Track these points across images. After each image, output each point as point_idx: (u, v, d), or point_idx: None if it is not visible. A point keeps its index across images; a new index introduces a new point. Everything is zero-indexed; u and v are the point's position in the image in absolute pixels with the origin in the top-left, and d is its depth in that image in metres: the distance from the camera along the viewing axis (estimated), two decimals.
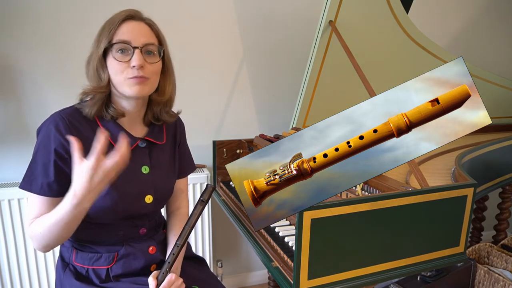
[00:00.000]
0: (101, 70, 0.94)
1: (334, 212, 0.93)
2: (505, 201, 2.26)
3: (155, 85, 1.00)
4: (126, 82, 0.93)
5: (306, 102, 1.73)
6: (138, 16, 0.97)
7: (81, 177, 0.81)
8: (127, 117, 1.02)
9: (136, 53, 0.92)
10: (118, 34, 0.93)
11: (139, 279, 1.02)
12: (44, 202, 0.93)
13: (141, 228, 1.06)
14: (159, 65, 0.99)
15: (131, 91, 0.94)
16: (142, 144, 1.04)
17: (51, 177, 0.92)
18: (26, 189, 0.93)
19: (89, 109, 0.96)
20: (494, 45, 2.55)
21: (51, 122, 0.93)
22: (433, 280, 1.61)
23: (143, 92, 0.95)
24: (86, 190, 0.82)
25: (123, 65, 0.92)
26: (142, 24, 0.96)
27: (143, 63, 0.93)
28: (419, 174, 1.14)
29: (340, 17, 1.55)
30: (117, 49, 0.92)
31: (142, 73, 0.93)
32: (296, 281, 0.93)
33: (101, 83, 0.95)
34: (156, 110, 1.05)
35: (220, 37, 1.97)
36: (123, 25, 0.94)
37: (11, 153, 1.74)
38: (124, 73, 0.93)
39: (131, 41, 0.92)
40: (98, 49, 0.93)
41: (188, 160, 1.23)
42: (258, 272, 2.33)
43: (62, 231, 0.88)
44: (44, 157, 0.92)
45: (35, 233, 0.91)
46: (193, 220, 0.97)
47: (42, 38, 1.70)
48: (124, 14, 0.95)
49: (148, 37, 0.96)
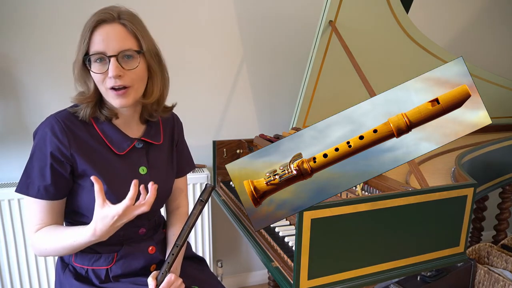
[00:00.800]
0: (86, 79, 0.94)
1: (334, 212, 0.93)
2: (505, 201, 2.26)
3: (140, 91, 0.96)
4: (108, 93, 0.92)
5: (306, 102, 1.73)
6: (110, 18, 0.90)
7: (105, 221, 0.85)
8: (121, 118, 1.01)
9: (112, 62, 0.88)
10: (93, 45, 0.89)
11: (138, 280, 1.02)
12: (42, 206, 0.93)
13: (140, 228, 1.06)
14: (140, 68, 0.93)
15: (115, 103, 0.93)
16: (139, 144, 1.03)
17: (47, 181, 0.92)
18: (23, 192, 0.93)
19: (83, 112, 0.96)
20: (494, 45, 2.55)
21: (47, 126, 0.93)
22: (433, 280, 1.61)
23: (127, 103, 0.93)
24: (107, 232, 0.86)
25: (102, 76, 0.90)
26: (116, 27, 0.90)
27: (120, 72, 0.89)
28: (419, 174, 1.14)
29: (340, 17, 1.55)
30: (94, 60, 0.90)
31: (121, 82, 0.90)
32: (296, 281, 0.93)
33: (88, 92, 0.94)
34: (150, 108, 1.04)
35: (220, 37, 1.97)
36: (96, 32, 0.89)
37: (11, 153, 1.74)
38: (105, 83, 0.91)
39: (105, 50, 0.88)
40: (77, 59, 0.92)
41: (187, 159, 1.22)
42: (258, 272, 2.33)
43: (69, 252, 0.94)
44: (41, 161, 0.92)
45: (38, 247, 0.94)
46: (193, 220, 0.97)
47: (41, 39, 1.70)
48: (94, 20, 0.89)
49: (124, 42, 0.90)
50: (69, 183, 0.95)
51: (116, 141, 0.99)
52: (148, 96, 0.99)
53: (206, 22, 1.93)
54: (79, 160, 0.93)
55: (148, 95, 0.99)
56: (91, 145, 0.96)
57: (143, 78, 0.96)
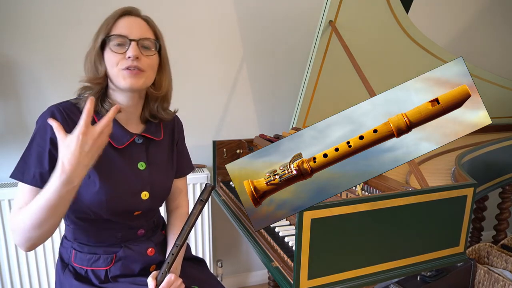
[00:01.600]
0: (98, 63, 0.96)
1: (334, 212, 0.93)
2: (505, 201, 2.26)
3: (151, 79, 1.00)
4: (120, 73, 0.94)
5: (306, 102, 1.73)
6: (135, 12, 0.99)
7: (70, 147, 0.78)
8: (123, 113, 1.01)
9: (132, 45, 0.94)
10: (116, 28, 0.95)
11: (138, 279, 1.02)
12: (34, 193, 0.89)
13: (139, 229, 1.06)
14: (155, 58, 1.00)
15: (125, 83, 0.94)
16: (138, 140, 1.03)
17: (45, 167, 0.91)
18: (17, 178, 0.92)
19: (85, 103, 0.96)
20: (494, 45, 2.55)
21: (48, 113, 0.94)
22: (433, 280, 1.61)
23: (137, 84, 0.96)
24: (75, 162, 0.78)
25: (119, 56, 0.94)
26: (139, 20, 0.98)
27: (138, 54, 0.94)
28: (419, 174, 1.14)
29: (340, 17, 1.55)
30: (114, 43, 0.94)
31: (137, 63, 0.94)
32: (296, 281, 0.93)
33: (98, 75, 0.96)
34: (153, 106, 1.05)
35: (220, 37, 1.97)
36: (121, 20, 0.96)
37: (10, 153, 1.74)
38: (119, 64, 0.94)
39: (128, 34, 0.94)
40: (96, 42, 0.95)
41: (187, 160, 1.23)
42: (258, 272, 2.33)
43: (48, 218, 0.82)
44: (40, 147, 0.92)
45: (18, 225, 0.86)
46: (192, 219, 0.97)
47: (42, 38, 1.70)
48: (122, 10, 0.97)
49: (145, 32, 0.98)
50: None
51: (115, 135, 0.99)
52: (158, 88, 1.03)
53: (206, 22, 1.93)
54: None
55: (157, 87, 1.03)
56: None
57: (154, 68, 1.01)
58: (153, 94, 1.03)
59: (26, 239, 0.86)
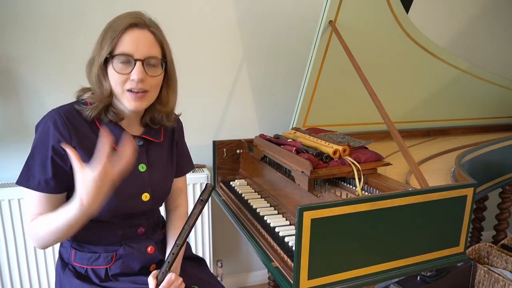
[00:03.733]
0: (103, 78, 0.94)
1: (334, 212, 0.93)
2: (505, 201, 2.26)
3: (154, 97, 1.00)
4: (125, 94, 0.94)
5: (306, 102, 1.72)
6: (142, 23, 0.94)
7: (87, 186, 0.80)
8: (125, 120, 1.02)
9: (137, 65, 0.91)
10: (121, 45, 0.91)
11: (138, 279, 1.02)
12: (41, 199, 0.93)
13: (139, 227, 1.06)
14: (161, 77, 0.98)
15: (130, 105, 0.94)
16: (139, 142, 1.04)
17: (48, 174, 0.92)
18: (23, 185, 0.92)
19: (89, 113, 0.96)
20: (494, 45, 2.55)
21: (49, 119, 0.93)
22: (433, 280, 1.61)
23: (142, 107, 0.96)
24: (93, 199, 0.81)
25: (123, 77, 0.92)
26: (145, 33, 0.93)
27: (144, 77, 0.92)
28: (419, 174, 1.14)
29: (340, 17, 1.55)
30: (119, 61, 0.91)
31: (142, 85, 0.92)
32: (296, 281, 0.93)
33: (105, 92, 0.94)
34: (157, 116, 1.06)
35: (220, 37, 1.97)
36: (126, 34, 0.91)
37: (11, 153, 1.74)
38: (123, 85, 0.93)
39: (133, 53, 0.91)
40: (100, 56, 0.92)
41: (187, 159, 1.23)
42: (258, 272, 2.33)
43: (65, 234, 0.89)
44: (42, 154, 0.92)
45: (35, 234, 0.91)
46: (193, 219, 0.98)
47: (42, 39, 1.70)
48: (128, 22, 0.92)
49: (151, 49, 0.94)
50: (70, 177, 0.95)
51: (116, 137, 0.98)
52: (165, 104, 1.03)
53: (206, 22, 1.93)
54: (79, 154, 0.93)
55: (164, 103, 1.03)
56: (92, 139, 0.96)
57: (159, 86, 1.00)
58: (160, 109, 1.03)
59: (43, 245, 0.93)
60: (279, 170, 1.43)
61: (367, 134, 1.97)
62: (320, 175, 1.21)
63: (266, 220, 1.31)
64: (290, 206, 1.33)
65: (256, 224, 1.28)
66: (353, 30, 1.60)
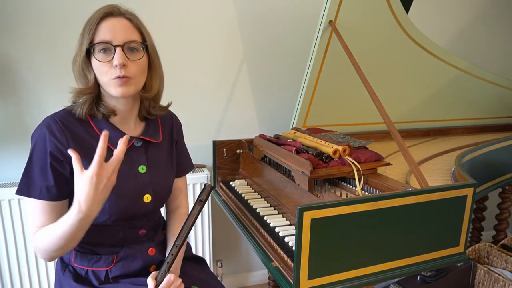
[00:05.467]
0: (87, 71, 0.94)
1: (334, 212, 0.93)
2: (505, 201, 2.26)
3: (141, 83, 0.98)
4: (110, 82, 0.93)
5: (306, 102, 1.72)
6: (117, 12, 0.94)
7: (85, 187, 0.80)
8: (119, 115, 1.01)
9: (117, 51, 0.91)
10: (98, 34, 0.91)
11: (138, 280, 1.02)
12: (44, 208, 0.92)
13: (140, 229, 1.06)
14: (143, 61, 0.96)
15: (116, 92, 0.93)
16: (137, 143, 1.03)
17: (50, 181, 0.91)
18: (24, 194, 0.91)
19: (80, 109, 0.96)
20: (494, 45, 2.55)
21: (44, 126, 0.93)
22: (433, 280, 1.61)
23: (128, 92, 0.94)
24: (91, 201, 0.80)
25: (106, 65, 0.92)
26: (121, 20, 0.94)
27: (125, 62, 0.91)
28: (419, 174, 1.14)
29: (340, 17, 1.55)
30: (99, 50, 0.91)
31: (125, 72, 0.91)
32: (296, 281, 0.93)
33: (88, 84, 0.94)
34: (146, 105, 1.05)
35: (220, 37, 1.97)
36: (102, 23, 0.92)
37: (11, 153, 1.74)
38: (108, 74, 0.92)
39: (111, 40, 0.91)
40: (81, 50, 0.93)
41: (186, 159, 1.22)
42: (258, 272, 2.33)
43: (68, 243, 0.87)
44: (41, 161, 0.91)
45: (40, 246, 0.90)
46: (192, 220, 0.97)
47: (42, 38, 1.70)
48: (102, 12, 0.93)
49: (129, 34, 0.93)
50: (70, 182, 0.95)
51: (114, 140, 0.97)
52: (148, 90, 1.01)
53: (206, 22, 1.93)
54: None
55: (148, 89, 1.01)
56: (89, 143, 0.96)
57: (144, 71, 0.98)
58: (144, 96, 1.02)
59: (49, 257, 0.91)
60: (279, 170, 1.43)
61: (367, 134, 1.97)
62: (320, 175, 1.21)
63: (266, 220, 1.31)
64: (290, 206, 1.33)
65: (256, 224, 1.28)
66: (353, 30, 1.60)
